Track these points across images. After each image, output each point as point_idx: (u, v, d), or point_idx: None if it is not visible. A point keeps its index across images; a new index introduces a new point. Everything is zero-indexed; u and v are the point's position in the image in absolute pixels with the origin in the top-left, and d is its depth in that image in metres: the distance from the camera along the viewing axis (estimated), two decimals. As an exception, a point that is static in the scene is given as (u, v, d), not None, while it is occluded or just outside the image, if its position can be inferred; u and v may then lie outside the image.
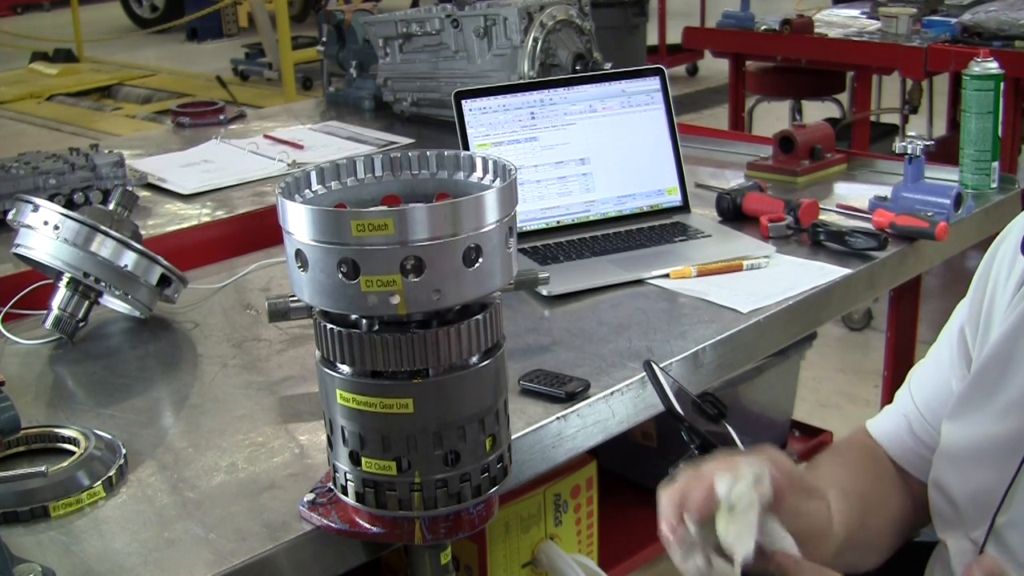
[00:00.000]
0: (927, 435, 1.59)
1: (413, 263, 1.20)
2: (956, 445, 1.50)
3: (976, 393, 1.48)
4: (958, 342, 1.57)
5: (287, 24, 7.90)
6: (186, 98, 8.10)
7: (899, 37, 4.77)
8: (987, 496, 1.44)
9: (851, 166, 2.83)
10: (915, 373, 1.67)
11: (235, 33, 13.42)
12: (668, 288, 2.10)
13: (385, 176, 1.40)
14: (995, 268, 1.51)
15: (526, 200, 2.33)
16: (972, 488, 1.47)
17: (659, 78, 2.48)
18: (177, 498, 1.49)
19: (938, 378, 1.60)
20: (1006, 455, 1.41)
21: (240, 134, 3.38)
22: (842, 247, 2.23)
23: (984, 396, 1.46)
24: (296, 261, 1.25)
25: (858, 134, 4.91)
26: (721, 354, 1.90)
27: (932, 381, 1.61)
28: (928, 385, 1.62)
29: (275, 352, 1.94)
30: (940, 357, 1.61)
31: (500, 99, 2.37)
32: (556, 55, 3.02)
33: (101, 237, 1.92)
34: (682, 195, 2.47)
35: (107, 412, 1.74)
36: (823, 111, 5.80)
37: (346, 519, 1.36)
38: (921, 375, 1.65)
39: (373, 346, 1.25)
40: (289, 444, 1.62)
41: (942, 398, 1.56)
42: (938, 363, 1.61)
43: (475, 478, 1.32)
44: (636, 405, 1.75)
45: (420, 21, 3.30)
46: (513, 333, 1.90)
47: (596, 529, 2.37)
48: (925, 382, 1.63)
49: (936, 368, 1.62)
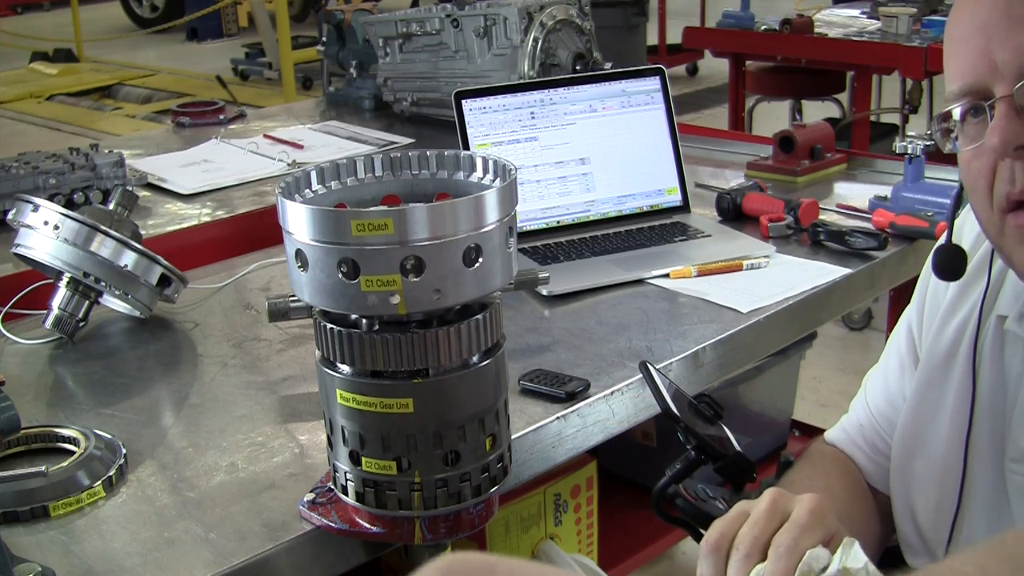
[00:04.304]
0: (883, 443, 1.59)
1: (413, 263, 1.20)
2: (913, 469, 1.52)
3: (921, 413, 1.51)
4: (906, 342, 1.58)
5: (287, 24, 7.90)
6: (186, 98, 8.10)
7: (899, 37, 4.78)
8: (944, 519, 1.45)
9: (851, 166, 2.83)
10: (868, 380, 1.67)
11: (235, 33, 13.42)
12: (668, 288, 2.10)
13: (385, 176, 1.40)
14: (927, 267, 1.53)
15: (526, 200, 2.33)
16: (932, 513, 1.48)
17: (659, 78, 2.48)
18: (177, 498, 1.49)
19: (889, 384, 1.61)
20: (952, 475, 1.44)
21: (240, 134, 3.38)
22: (842, 247, 2.23)
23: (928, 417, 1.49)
24: (296, 261, 1.25)
25: (858, 134, 4.91)
26: (721, 354, 1.90)
27: (884, 388, 1.62)
28: (880, 392, 1.62)
29: (275, 352, 1.94)
30: (889, 364, 1.62)
31: (500, 99, 2.37)
32: (556, 55, 3.02)
33: (101, 237, 1.92)
34: (682, 195, 2.47)
35: (107, 412, 1.74)
36: (823, 111, 5.80)
37: (346, 519, 1.36)
38: (874, 383, 1.65)
39: (373, 346, 1.25)
40: (289, 444, 1.62)
41: (896, 405, 1.57)
42: (887, 371, 1.62)
43: (475, 478, 1.32)
44: (636, 405, 1.75)
45: (420, 21, 3.30)
46: (513, 333, 1.90)
47: (596, 529, 2.37)
48: (877, 390, 1.63)
49: (885, 376, 1.62)
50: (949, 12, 1.34)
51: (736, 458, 1.39)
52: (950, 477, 1.45)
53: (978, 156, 1.29)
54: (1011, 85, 1.23)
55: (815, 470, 1.59)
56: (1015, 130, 1.22)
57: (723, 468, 1.38)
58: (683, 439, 1.37)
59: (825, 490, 1.51)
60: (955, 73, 1.30)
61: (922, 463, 1.50)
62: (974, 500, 1.43)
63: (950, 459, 1.45)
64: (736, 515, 1.17)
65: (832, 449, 1.66)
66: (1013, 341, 1.40)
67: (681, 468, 1.36)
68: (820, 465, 1.61)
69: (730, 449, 1.40)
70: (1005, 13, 1.23)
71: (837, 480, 1.57)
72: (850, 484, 1.59)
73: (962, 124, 1.31)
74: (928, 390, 1.50)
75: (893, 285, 2.33)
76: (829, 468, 1.60)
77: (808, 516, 1.13)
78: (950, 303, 1.50)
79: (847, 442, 1.65)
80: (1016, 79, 1.22)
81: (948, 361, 1.47)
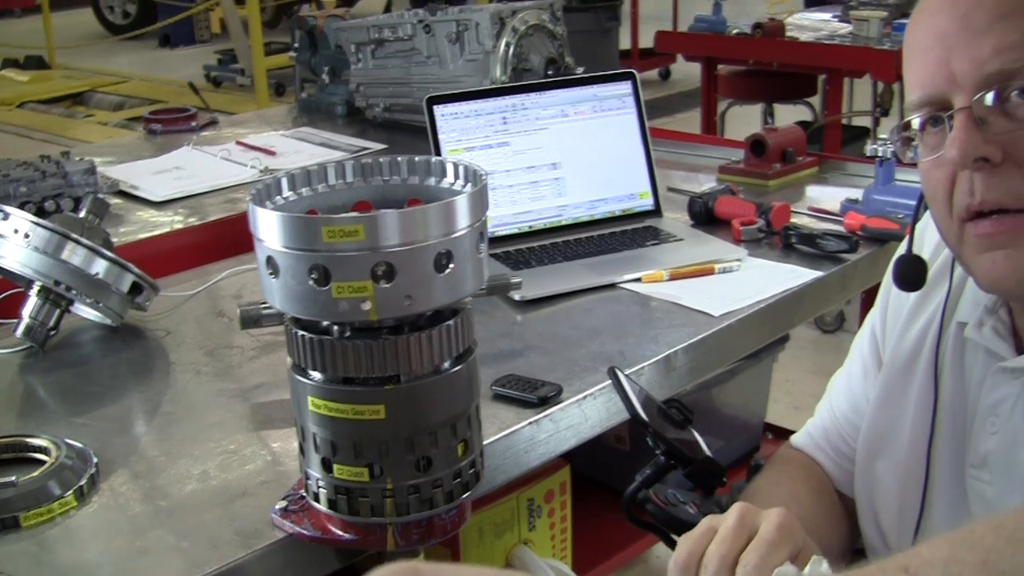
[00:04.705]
0: (847, 447, 1.60)
1: (384, 269, 1.20)
2: (877, 474, 1.53)
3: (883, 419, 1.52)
4: (869, 347, 1.59)
5: (259, 30, 7.88)
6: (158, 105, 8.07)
7: (870, 40, 4.80)
8: (907, 524, 1.46)
9: (822, 169, 2.84)
10: (832, 385, 1.68)
11: (207, 39, 13.39)
12: (640, 292, 2.11)
13: (356, 182, 1.40)
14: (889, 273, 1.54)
15: (498, 205, 2.33)
16: (895, 517, 1.49)
17: (631, 82, 2.49)
18: (149, 507, 1.49)
19: (853, 388, 1.62)
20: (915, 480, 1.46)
21: (212, 141, 3.38)
22: (814, 250, 2.24)
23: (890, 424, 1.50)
24: (267, 268, 1.24)
25: (830, 137, 4.94)
26: (693, 357, 1.90)
27: (847, 392, 1.63)
28: (844, 397, 1.63)
29: (248, 359, 1.93)
30: (853, 368, 1.64)
31: (472, 104, 2.37)
32: (528, 60, 3.02)
33: (72, 245, 1.91)
34: (654, 199, 2.47)
35: (78, 421, 1.73)
36: (795, 114, 5.82)
37: (318, 526, 1.36)
38: (838, 387, 1.66)
39: (344, 352, 1.25)
40: (261, 451, 1.61)
41: (860, 409, 1.58)
42: (850, 375, 1.64)
43: (447, 484, 1.32)
44: (609, 409, 1.75)
45: (392, 27, 3.31)
46: (485, 338, 1.90)
47: (570, 534, 2.37)
48: (842, 394, 1.64)
49: (848, 380, 1.64)
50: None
51: (705, 463, 1.39)
52: (913, 482, 1.45)
53: (937, 166, 1.29)
54: (970, 96, 1.24)
55: (781, 476, 1.60)
56: (974, 142, 1.23)
57: (693, 473, 1.38)
58: (652, 444, 1.37)
59: (791, 496, 1.52)
60: (914, 83, 1.30)
61: (885, 468, 1.51)
62: (936, 505, 1.43)
63: (913, 464, 1.46)
64: (703, 532, 1.17)
65: (798, 454, 1.66)
66: (973, 348, 1.41)
67: (651, 473, 1.36)
68: (786, 471, 1.62)
69: (700, 454, 1.40)
70: (964, 24, 1.23)
71: (802, 484, 1.58)
72: (815, 489, 1.59)
73: (922, 134, 1.32)
74: (891, 395, 1.51)
75: (865, 287, 2.34)
76: (795, 473, 1.61)
77: (775, 532, 1.14)
78: (912, 309, 1.51)
79: (812, 446, 1.66)
80: (975, 90, 1.23)
81: (910, 366, 1.48)
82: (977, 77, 1.23)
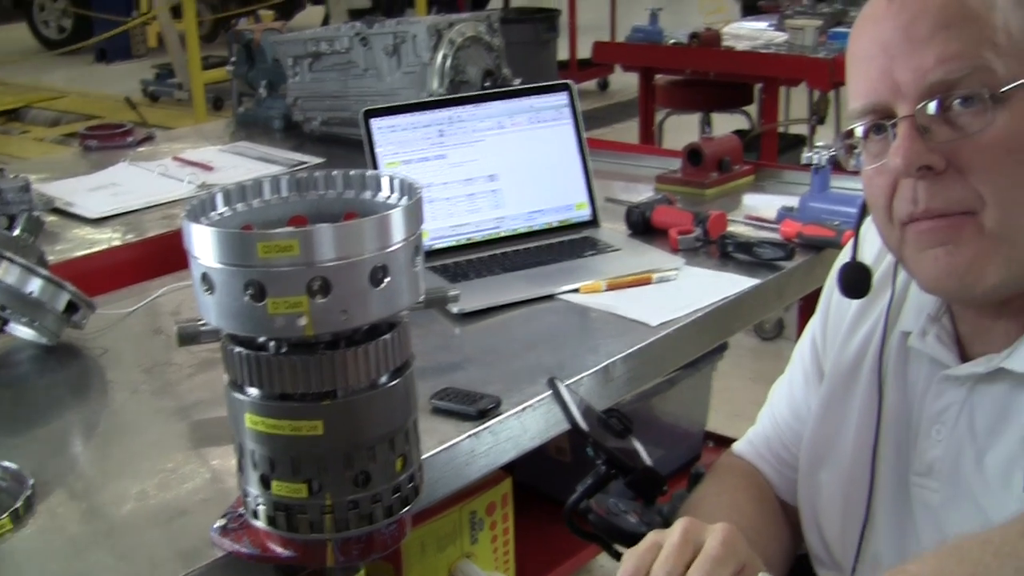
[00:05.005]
0: (789, 455, 1.61)
1: (319, 284, 1.19)
2: (820, 482, 1.54)
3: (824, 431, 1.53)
4: (810, 355, 1.61)
5: (197, 44, 7.82)
6: (95, 120, 8.00)
7: (805, 49, 4.85)
8: (851, 532, 1.47)
9: (759, 177, 2.86)
10: (774, 392, 1.69)
11: (144, 54, 13.27)
12: (578, 303, 2.12)
13: (292, 197, 1.39)
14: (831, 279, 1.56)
15: (436, 218, 2.33)
16: (838, 526, 1.50)
17: (567, 93, 2.50)
18: (87, 528, 1.47)
19: (794, 396, 1.63)
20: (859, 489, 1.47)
21: (149, 156, 3.35)
22: (750, 258, 2.26)
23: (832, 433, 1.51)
24: (203, 284, 1.24)
25: (766, 145, 4.97)
26: (631, 367, 1.91)
27: (789, 399, 1.64)
28: (785, 404, 1.65)
29: (186, 376, 1.92)
30: (794, 375, 1.65)
31: (409, 117, 2.37)
32: (465, 72, 3.03)
33: (6, 264, 1.89)
34: (591, 209, 2.49)
35: (13, 442, 1.71)
36: (732, 123, 5.86)
37: (258, 543, 1.35)
38: (779, 394, 1.67)
39: (281, 368, 1.24)
40: (200, 469, 1.60)
41: (801, 416, 1.59)
42: (791, 382, 1.65)
43: (386, 499, 1.31)
44: (548, 421, 1.75)
45: (329, 40, 3.30)
46: (424, 351, 1.90)
47: (513, 546, 2.37)
48: (783, 401, 1.65)
49: (790, 387, 1.65)
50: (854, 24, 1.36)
51: (646, 472, 1.40)
52: (857, 491, 1.46)
53: (880, 173, 1.31)
54: (913, 105, 1.25)
55: (722, 485, 1.61)
56: (917, 150, 1.24)
57: (633, 482, 1.39)
58: (593, 454, 1.38)
59: (732, 505, 1.53)
60: (858, 91, 1.32)
61: (829, 477, 1.52)
62: (880, 513, 1.44)
63: (856, 473, 1.47)
64: (648, 547, 1.18)
65: (740, 462, 1.67)
66: (917, 357, 1.43)
67: (592, 483, 1.37)
68: (727, 479, 1.63)
69: (640, 463, 1.41)
70: (906, 34, 1.25)
71: (744, 493, 1.59)
72: (758, 497, 1.60)
73: (865, 141, 1.33)
74: (834, 403, 1.52)
75: (802, 294, 2.36)
76: (736, 482, 1.62)
77: (720, 548, 1.15)
78: (854, 316, 1.52)
79: (754, 454, 1.67)
80: (918, 99, 1.24)
81: (853, 375, 1.50)
82: (920, 86, 1.24)
